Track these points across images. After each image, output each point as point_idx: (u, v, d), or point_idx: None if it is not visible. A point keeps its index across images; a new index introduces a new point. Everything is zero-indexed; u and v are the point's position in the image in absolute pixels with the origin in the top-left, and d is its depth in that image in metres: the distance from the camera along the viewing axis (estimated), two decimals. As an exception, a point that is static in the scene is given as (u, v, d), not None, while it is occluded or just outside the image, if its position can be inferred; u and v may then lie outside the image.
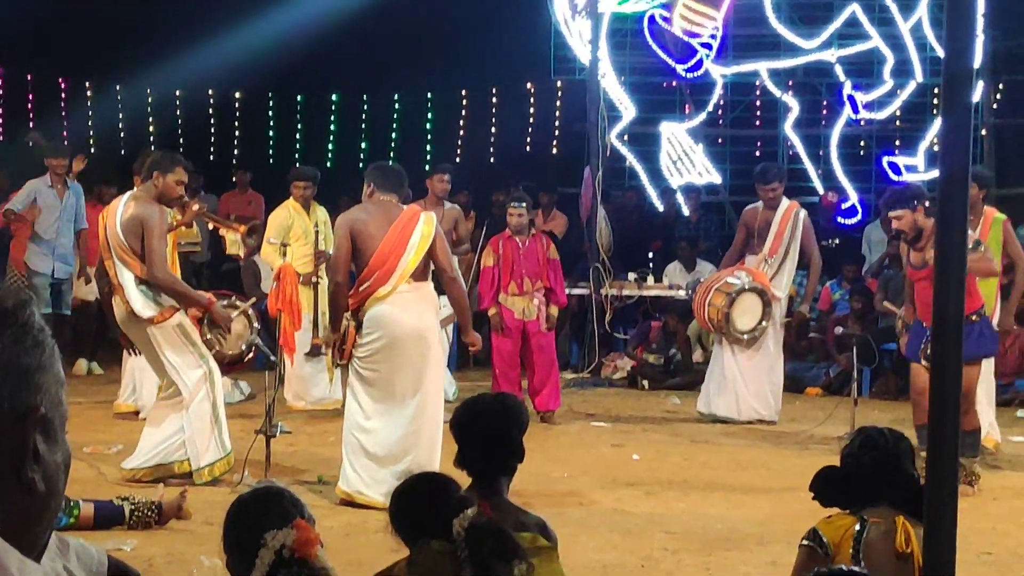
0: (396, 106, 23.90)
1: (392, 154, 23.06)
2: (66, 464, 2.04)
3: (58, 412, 2.02)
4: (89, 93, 23.38)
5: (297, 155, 22.80)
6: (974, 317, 10.51)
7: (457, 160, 22.27)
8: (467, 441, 5.28)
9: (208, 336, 10.46)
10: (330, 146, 24.37)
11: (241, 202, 19.15)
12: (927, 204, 10.61)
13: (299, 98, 24.49)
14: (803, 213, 14.44)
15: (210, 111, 24.24)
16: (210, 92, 23.96)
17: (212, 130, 24.35)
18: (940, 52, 17.83)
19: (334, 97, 24.28)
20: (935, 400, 3.87)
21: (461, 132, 23.27)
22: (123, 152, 22.36)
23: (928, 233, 10.47)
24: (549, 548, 4.78)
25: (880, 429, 5.38)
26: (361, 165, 22.96)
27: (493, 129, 22.96)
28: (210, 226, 14.15)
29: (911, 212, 10.67)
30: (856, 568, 4.49)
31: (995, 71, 19.78)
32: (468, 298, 10.18)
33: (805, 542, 5.18)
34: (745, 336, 13.87)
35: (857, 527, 5.09)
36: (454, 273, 9.71)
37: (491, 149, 23.02)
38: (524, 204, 14.21)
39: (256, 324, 11.08)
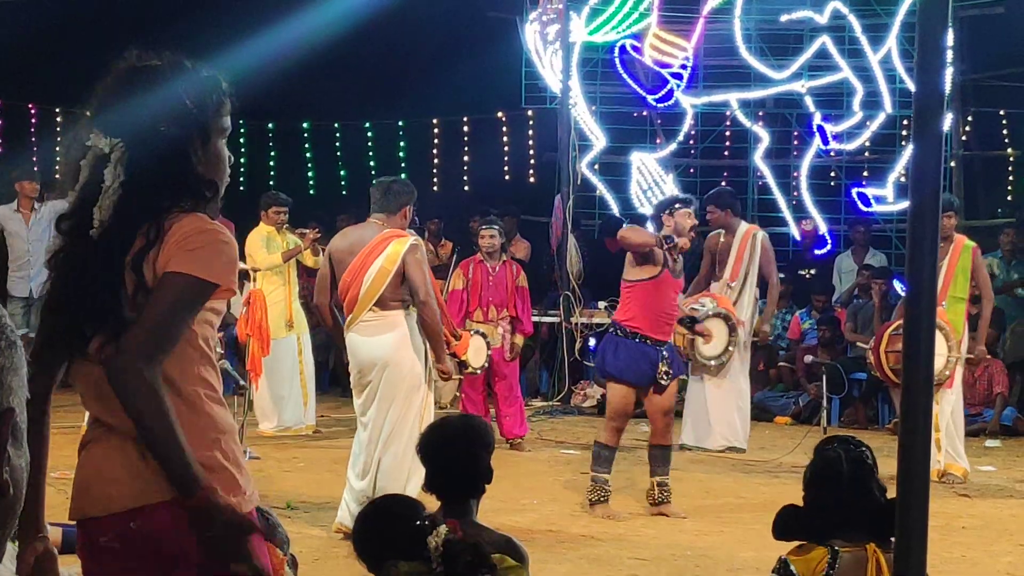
0: (368, 134, 23.89)
1: (372, 181, 23.07)
2: (28, 470, 2.01)
3: (23, 416, 1.99)
4: (59, 119, 23.28)
5: (272, 183, 22.74)
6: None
7: (433, 188, 22.31)
8: (434, 464, 5.26)
9: None
10: (309, 173, 24.35)
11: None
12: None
13: (270, 126, 24.45)
14: (761, 235, 14.45)
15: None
16: (180, 120, 23.88)
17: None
18: (909, 84, 18.01)
19: (305, 125, 24.27)
20: (905, 432, 3.86)
21: (435, 160, 23.27)
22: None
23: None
24: (518, 568, 4.78)
25: (837, 460, 5.23)
26: (344, 192, 23.01)
27: (466, 158, 22.97)
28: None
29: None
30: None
31: (964, 103, 19.88)
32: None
33: (774, 575, 5.14)
34: (712, 363, 13.80)
35: (828, 558, 5.05)
36: (425, 297, 9.40)
37: (464, 178, 23.02)
38: (496, 227, 14.25)
39: (221, 349, 11.02)
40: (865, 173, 19.95)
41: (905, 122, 18.81)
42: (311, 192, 23.83)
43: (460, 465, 5.18)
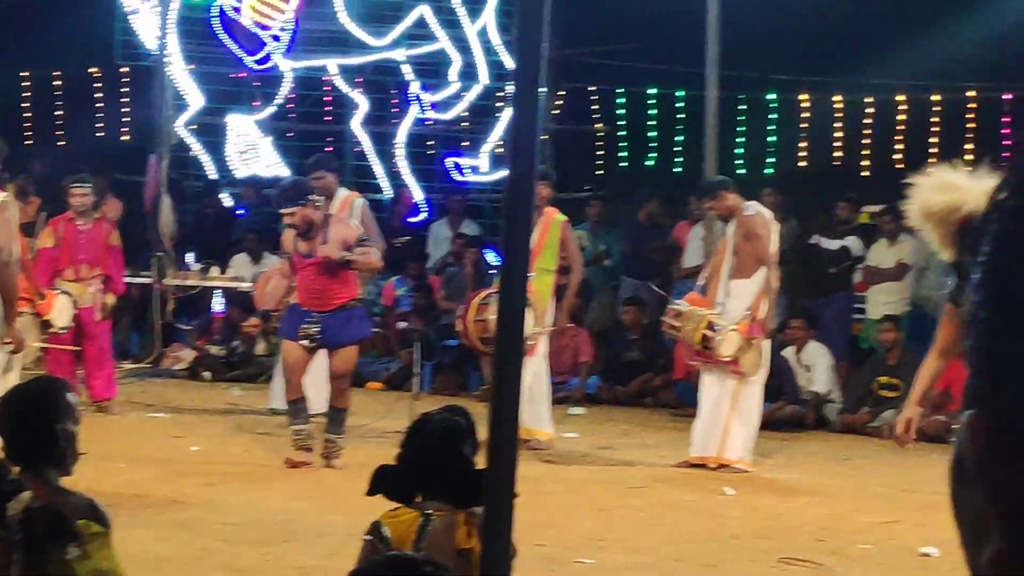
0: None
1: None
2: None
3: None
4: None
5: None
6: (352, 304, 11.67)
7: (26, 144, 21.60)
8: (10, 430, 5.11)
9: None
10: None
11: None
12: (314, 199, 11.57)
13: None
14: (360, 202, 14.44)
15: None
16: None
17: None
18: (504, 57, 18.28)
19: None
20: (497, 398, 3.92)
21: (27, 115, 22.53)
22: None
23: (318, 226, 11.42)
24: (102, 533, 4.70)
25: (426, 425, 5.31)
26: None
27: (58, 113, 22.33)
28: None
29: (302, 207, 11.42)
30: (416, 555, 4.49)
31: (556, 79, 20.31)
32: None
33: (367, 537, 5.16)
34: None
35: (420, 521, 5.11)
36: (7, 258, 9.09)
37: (59, 133, 22.38)
38: (88, 185, 13.94)
39: None
40: (462, 143, 20.23)
41: (500, 94, 19.16)
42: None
43: (30, 429, 5.04)
